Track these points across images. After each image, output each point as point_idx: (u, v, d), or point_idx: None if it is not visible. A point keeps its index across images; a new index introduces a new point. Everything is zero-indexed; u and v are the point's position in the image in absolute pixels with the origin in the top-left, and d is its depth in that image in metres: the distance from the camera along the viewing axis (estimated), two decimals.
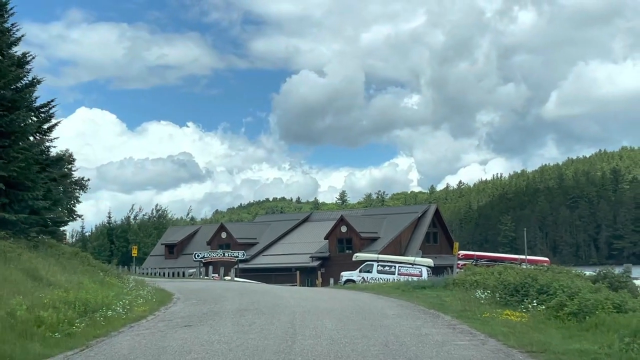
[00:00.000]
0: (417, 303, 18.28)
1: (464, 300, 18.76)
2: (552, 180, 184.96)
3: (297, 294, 22.21)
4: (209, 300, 20.30)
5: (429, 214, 60.21)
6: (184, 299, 22.18)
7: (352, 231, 56.54)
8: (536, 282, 16.68)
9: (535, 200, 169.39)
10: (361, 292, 24.62)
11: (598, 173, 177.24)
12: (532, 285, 16.73)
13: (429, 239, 59.61)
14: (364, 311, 15.39)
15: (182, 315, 15.83)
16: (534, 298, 15.89)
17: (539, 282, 16.55)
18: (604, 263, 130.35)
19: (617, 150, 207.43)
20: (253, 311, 15.65)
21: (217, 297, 21.76)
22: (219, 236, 64.36)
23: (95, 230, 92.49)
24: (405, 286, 26.56)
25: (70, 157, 55.62)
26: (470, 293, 20.75)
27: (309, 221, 68.95)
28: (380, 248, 53.77)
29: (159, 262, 69.59)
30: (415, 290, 24.95)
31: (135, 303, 18.36)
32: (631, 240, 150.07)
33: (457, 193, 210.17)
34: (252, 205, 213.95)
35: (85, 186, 56.02)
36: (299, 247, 61.43)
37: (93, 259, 34.29)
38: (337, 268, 50.35)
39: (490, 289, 20.00)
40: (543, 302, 15.27)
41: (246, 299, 20.06)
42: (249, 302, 18.56)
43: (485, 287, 21.38)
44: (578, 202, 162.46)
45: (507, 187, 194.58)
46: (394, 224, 58.48)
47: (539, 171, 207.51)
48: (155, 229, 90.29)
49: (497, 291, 18.84)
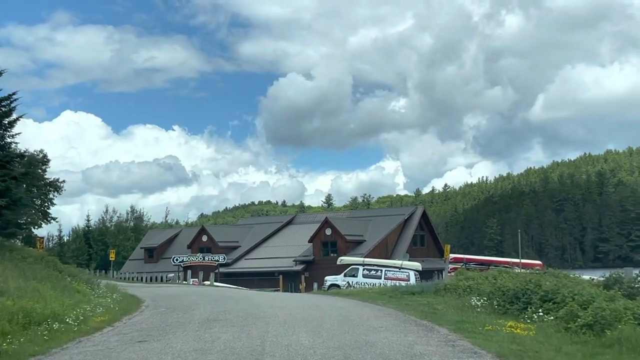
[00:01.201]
0: (406, 312, 16.50)
1: (458, 308, 17.07)
2: (538, 183, 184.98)
3: (275, 301, 20.42)
4: (179, 308, 18.48)
5: (416, 216, 58.57)
6: (153, 306, 20.35)
7: (337, 234, 54.76)
8: (539, 289, 14.98)
9: (520, 204, 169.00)
10: (345, 299, 22.84)
11: (583, 176, 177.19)
12: (535, 291, 15.04)
13: (416, 242, 57.97)
14: (347, 322, 13.59)
15: (142, 327, 14.00)
16: (538, 306, 14.22)
17: (542, 289, 14.85)
18: (590, 266, 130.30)
19: (602, 154, 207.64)
20: (222, 322, 13.84)
21: (189, 304, 19.93)
22: (200, 239, 62.36)
23: (72, 233, 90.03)
24: (392, 292, 24.82)
25: (45, 157, 53.63)
26: (464, 300, 19.06)
27: (293, 224, 67.13)
28: (366, 251, 52.06)
29: (138, 266, 67.53)
30: (404, 296, 23.21)
31: (94, 312, 16.51)
32: (617, 244, 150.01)
33: (443, 196, 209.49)
34: (238, 208, 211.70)
35: (60, 188, 53.88)
36: (282, 250, 59.63)
37: (61, 263, 32.27)
38: (321, 272, 48.53)
39: (486, 296, 18.32)
40: (549, 311, 13.59)
41: (219, 306, 18.26)
42: (221, 310, 16.74)
43: (481, 294, 19.72)
44: (564, 205, 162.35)
45: (493, 191, 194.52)
46: (380, 226, 56.79)
47: (524, 174, 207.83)
48: (133, 232, 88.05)
49: (494, 298, 17.15)
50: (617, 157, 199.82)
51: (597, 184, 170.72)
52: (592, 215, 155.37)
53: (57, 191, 53.29)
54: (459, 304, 18.43)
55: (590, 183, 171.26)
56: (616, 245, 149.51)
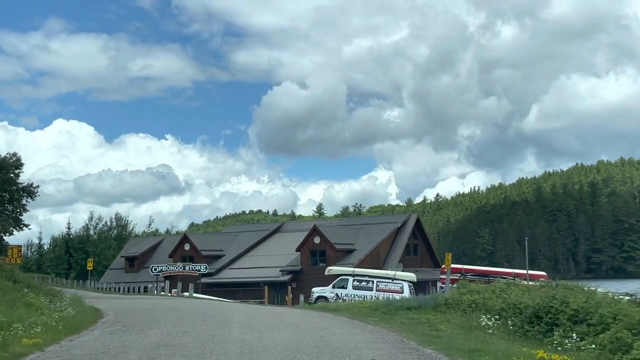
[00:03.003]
0: (404, 334, 13.71)
1: (465, 328, 14.38)
2: (530, 193, 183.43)
3: (249, 319, 17.63)
4: (135, 327, 15.70)
5: (409, 224, 55.81)
6: (109, 323, 17.58)
7: (326, 242, 51.91)
8: (567, 306, 12.27)
9: (513, 214, 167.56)
10: (331, 315, 20.04)
11: (576, 186, 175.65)
12: (561, 309, 12.33)
13: (409, 251, 55.19)
14: (328, 353, 10.66)
15: (75, 354, 11.23)
16: (567, 329, 11.53)
17: (571, 306, 12.14)
18: (583, 277, 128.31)
19: (594, 164, 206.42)
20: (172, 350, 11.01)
21: (150, 322, 17.14)
22: (182, 248, 59.33)
23: (52, 242, 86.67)
24: (385, 306, 22.10)
25: (18, 161, 50.54)
26: (470, 318, 16.38)
27: (281, 232, 64.21)
28: (356, 261, 49.29)
29: (118, 275, 64.42)
30: (399, 312, 20.49)
31: (29, 332, 13.70)
32: (609, 254, 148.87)
33: (435, 206, 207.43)
34: (229, 217, 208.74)
35: (33, 193, 50.75)
36: (268, 260, 56.72)
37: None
38: (309, 283, 45.77)
39: (497, 313, 15.65)
40: (584, 335, 10.91)
41: (181, 326, 15.46)
42: (181, 331, 13.93)
43: (489, 310, 17.05)
44: (556, 215, 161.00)
45: (485, 200, 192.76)
46: (371, 234, 54.01)
47: (516, 184, 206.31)
48: (115, 240, 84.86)
49: (507, 316, 14.48)
50: (610, 168, 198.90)
51: (589, 194, 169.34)
52: (584, 226, 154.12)
53: (31, 197, 50.17)
54: (465, 323, 15.74)
55: (582, 193, 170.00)
56: (609, 256, 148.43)
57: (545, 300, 13.04)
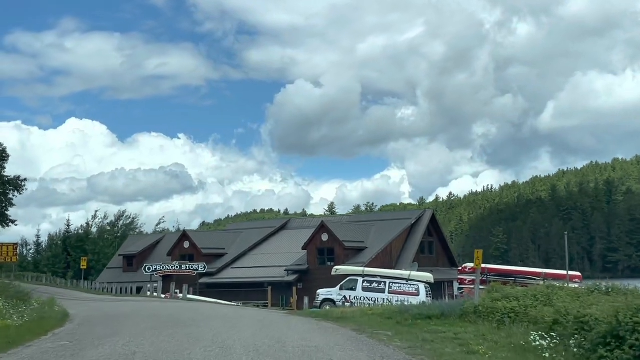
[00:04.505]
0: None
1: (511, 349, 10.88)
2: (544, 191, 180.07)
3: (228, 332, 14.00)
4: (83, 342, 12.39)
5: (424, 220, 52.09)
6: (61, 335, 14.35)
7: (335, 240, 48.33)
8: None
9: (527, 212, 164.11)
10: (333, 327, 16.40)
11: (591, 185, 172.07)
12: None
13: (424, 250, 51.48)
14: None
15: None
16: None
17: None
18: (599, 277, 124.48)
19: (610, 162, 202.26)
20: None
21: (108, 335, 13.77)
22: (181, 246, 55.94)
23: (49, 240, 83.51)
24: (400, 314, 18.55)
25: (3, 152, 47.45)
26: (511, 333, 12.85)
27: (287, 229, 60.65)
28: (367, 260, 45.72)
29: (116, 275, 61.23)
30: (418, 322, 16.95)
31: None
32: (626, 253, 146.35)
33: (447, 205, 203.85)
34: (239, 216, 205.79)
35: (20, 187, 47.68)
36: (273, 258, 53.27)
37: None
38: (316, 283, 42.26)
39: (548, 327, 12.12)
40: None
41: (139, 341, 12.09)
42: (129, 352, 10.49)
43: (534, 322, 13.55)
44: (571, 214, 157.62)
45: (498, 199, 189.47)
46: (383, 231, 50.35)
47: (530, 183, 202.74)
48: (117, 238, 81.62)
49: (565, 333, 10.95)
50: (625, 166, 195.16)
51: (605, 193, 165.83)
52: (600, 225, 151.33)
53: (18, 190, 47.14)
54: (507, 340, 12.20)
55: (598, 191, 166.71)
56: (626, 255, 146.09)
57: (628, 313, 9.48)
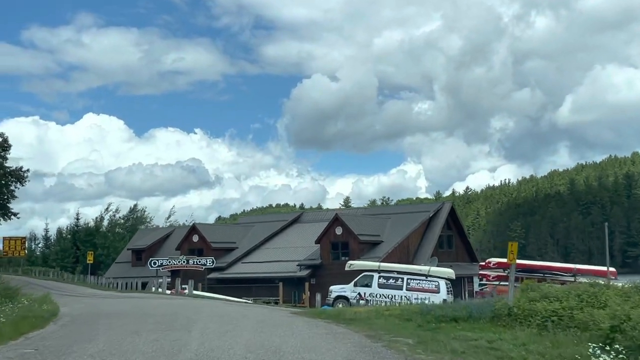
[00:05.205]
0: None
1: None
2: (563, 185, 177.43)
3: (220, 337, 11.90)
4: (55, 351, 10.48)
5: (443, 213, 49.82)
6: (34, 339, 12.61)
7: (349, 233, 46.28)
8: None
9: (545, 206, 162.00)
10: (343, 331, 14.19)
11: (610, 179, 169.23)
12: None
13: (443, 244, 49.25)
14: None
15: None
16: None
17: None
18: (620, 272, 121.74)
19: (629, 156, 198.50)
20: None
21: (87, 339, 11.94)
22: (190, 240, 54.12)
23: (57, 233, 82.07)
24: (421, 316, 16.51)
25: (5, 142, 45.80)
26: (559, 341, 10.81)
27: (300, 222, 58.66)
28: (383, 254, 43.64)
29: (124, 270, 59.68)
30: (441, 325, 14.91)
31: None
32: None
33: (464, 199, 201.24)
34: (255, 211, 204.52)
35: (23, 178, 46.01)
36: (285, 253, 51.37)
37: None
38: (329, 279, 40.28)
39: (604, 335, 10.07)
40: None
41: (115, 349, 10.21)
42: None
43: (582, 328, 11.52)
44: (590, 208, 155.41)
45: (516, 194, 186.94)
46: (400, 225, 48.19)
47: (548, 177, 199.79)
48: (128, 232, 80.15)
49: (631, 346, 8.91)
50: None
51: (625, 187, 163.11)
52: (620, 219, 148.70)
53: (20, 182, 45.44)
54: (554, 351, 10.14)
55: (617, 185, 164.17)
56: None
57: None
